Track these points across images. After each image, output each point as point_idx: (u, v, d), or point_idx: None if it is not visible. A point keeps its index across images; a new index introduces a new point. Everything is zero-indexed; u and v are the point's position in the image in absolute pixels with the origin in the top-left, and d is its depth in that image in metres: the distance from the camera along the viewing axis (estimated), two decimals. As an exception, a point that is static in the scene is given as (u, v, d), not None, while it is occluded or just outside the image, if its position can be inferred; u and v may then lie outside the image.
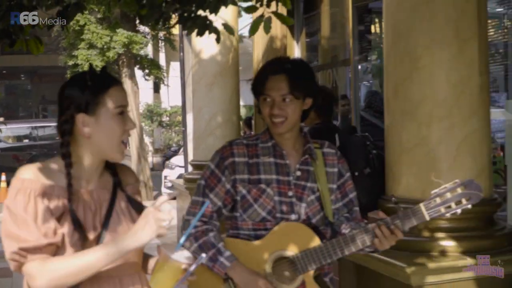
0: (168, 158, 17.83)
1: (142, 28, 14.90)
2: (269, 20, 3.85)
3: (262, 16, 3.82)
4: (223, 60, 8.76)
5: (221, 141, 9.12)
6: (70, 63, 14.83)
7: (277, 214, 2.84)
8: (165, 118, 22.62)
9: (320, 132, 4.94)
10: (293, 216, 2.84)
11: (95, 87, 2.14)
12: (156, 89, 23.37)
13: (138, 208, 2.25)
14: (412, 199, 4.27)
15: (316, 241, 2.79)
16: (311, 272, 2.79)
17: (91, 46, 14.26)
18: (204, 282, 2.68)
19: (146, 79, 17.33)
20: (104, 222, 2.16)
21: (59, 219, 2.06)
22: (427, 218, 2.60)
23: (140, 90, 22.51)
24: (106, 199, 2.16)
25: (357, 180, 4.71)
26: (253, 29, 3.85)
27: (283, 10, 8.91)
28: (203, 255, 2.13)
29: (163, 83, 18.35)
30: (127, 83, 14.23)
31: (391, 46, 4.65)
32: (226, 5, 3.58)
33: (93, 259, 1.99)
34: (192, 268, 2.09)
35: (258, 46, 9.75)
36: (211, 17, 3.66)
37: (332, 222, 2.94)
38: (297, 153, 2.93)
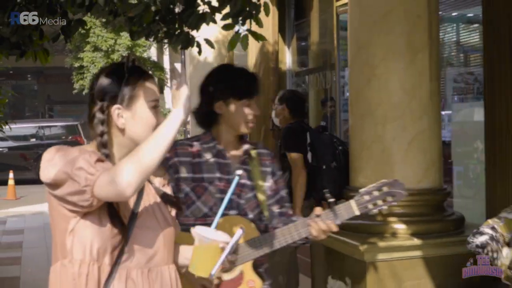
0: None
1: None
2: (246, 37, 4.35)
3: (238, 32, 4.37)
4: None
5: None
6: (76, 64, 15.47)
7: (218, 210, 2.94)
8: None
9: (293, 131, 5.70)
10: (232, 212, 2.95)
11: (132, 80, 2.14)
12: (160, 90, 23.61)
13: (167, 199, 2.32)
14: None
15: (255, 233, 2.93)
16: (249, 263, 2.91)
17: (96, 48, 14.95)
18: None
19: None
20: (131, 215, 2.15)
21: None
22: (357, 213, 2.78)
23: None
24: (135, 195, 2.13)
25: (325, 172, 5.53)
26: (232, 45, 4.35)
27: (272, 21, 9.62)
28: (240, 230, 2.17)
29: (165, 84, 18.82)
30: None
31: (354, 56, 5.29)
32: (207, 23, 4.14)
33: (160, 135, 1.97)
34: (230, 245, 2.12)
35: (252, 51, 10.20)
36: (194, 32, 4.28)
37: (266, 217, 3.09)
38: (237, 153, 3.07)
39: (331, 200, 2.95)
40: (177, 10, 4.44)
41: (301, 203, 5.63)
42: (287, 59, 9.94)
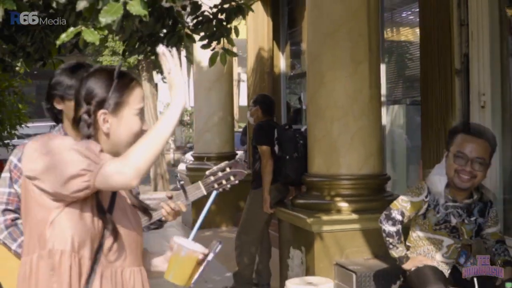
0: (185, 154, 18.41)
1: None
2: (223, 54, 4.89)
3: (214, 50, 4.98)
4: (219, 69, 9.53)
5: (217, 137, 10.77)
6: (86, 51, 16.39)
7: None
8: (186, 118, 23.03)
9: (263, 127, 6.63)
10: None
11: (121, 87, 2.14)
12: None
13: (140, 205, 2.34)
14: (321, 174, 5.91)
15: None
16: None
17: (114, 53, 15.91)
18: (12, 265, 2.86)
19: (164, 82, 18.75)
20: (107, 212, 2.15)
21: None
22: (205, 192, 2.92)
23: (161, 91, 23.68)
24: (109, 194, 2.15)
25: (288, 161, 6.44)
26: (212, 61, 4.89)
27: (267, 29, 10.46)
28: (219, 243, 2.20)
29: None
30: (146, 86, 15.83)
31: (309, 66, 6.16)
32: (186, 43, 4.84)
33: (162, 125, 2.01)
34: (211, 256, 2.17)
35: (250, 57, 11.11)
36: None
37: None
38: None
39: (181, 182, 3.22)
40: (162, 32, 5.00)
41: (268, 186, 6.47)
42: (281, 63, 10.64)
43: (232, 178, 2.82)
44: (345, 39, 5.77)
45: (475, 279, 4.11)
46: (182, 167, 13.19)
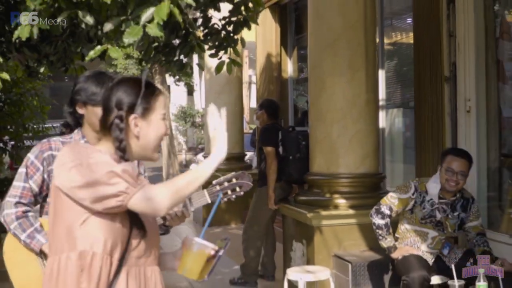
0: (196, 155, 18.83)
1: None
2: (229, 64, 4.96)
3: (221, 59, 5.04)
4: (229, 74, 9.89)
5: (229, 140, 10.99)
6: (110, 70, 16.83)
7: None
8: (198, 119, 23.18)
9: (268, 130, 6.90)
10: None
11: (148, 94, 2.23)
12: (190, 92, 24.11)
13: None
14: (321, 173, 6.14)
15: None
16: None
17: (128, 56, 16.25)
18: (19, 257, 3.00)
19: (176, 85, 19.04)
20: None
21: None
22: (209, 201, 2.88)
23: (174, 93, 23.89)
24: None
25: (291, 162, 6.67)
26: (218, 70, 4.99)
27: (275, 36, 10.62)
28: (228, 240, 2.30)
29: (193, 89, 19.88)
30: (158, 88, 16.18)
31: (311, 73, 6.41)
32: (196, 52, 5.01)
33: (198, 172, 2.17)
34: (221, 252, 2.24)
35: (260, 60, 11.30)
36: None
37: None
38: None
39: None
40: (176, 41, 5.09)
41: (273, 185, 6.67)
42: (289, 68, 10.89)
43: (237, 189, 2.81)
44: (344, 48, 6.00)
45: (452, 267, 4.38)
46: (193, 167, 13.14)
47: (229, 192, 2.92)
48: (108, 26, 3.56)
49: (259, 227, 6.90)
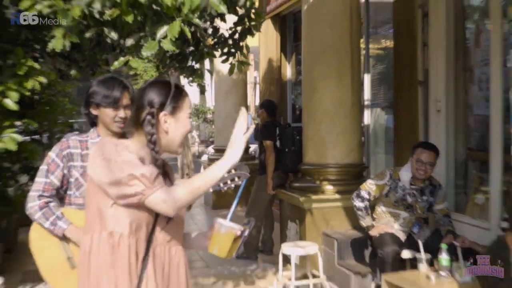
0: (207, 147, 18.47)
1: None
2: (239, 65, 4.90)
3: (231, 63, 4.99)
4: (235, 76, 9.63)
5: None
6: (131, 73, 16.75)
7: None
8: (209, 116, 22.96)
9: (268, 126, 7.03)
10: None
11: (177, 94, 2.19)
12: (202, 91, 24.02)
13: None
14: (312, 163, 6.30)
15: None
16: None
17: (148, 60, 16.33)
18: (44, 244, 2.96)
19: (190, 85, 18.94)
20: None
21: None
22: (211, 190, 2.66)
23: (188, 93, 23.89)
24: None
25: (287, 154, 6.80)
26: (231, 71, 4.94)
27: (276, 43, 10.64)
28: (252, 221, 2.26)
29: (205, 89, 19.87)
30: (173, 89, 16.17)
31: (304, 78, 6.54)
32: (206, 58, 5.07)
33: (208, 175, 2.09)
34: (247, 232, 2.20)
35: (262, 65, 11.33)
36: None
37: None
38: None
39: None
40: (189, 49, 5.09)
41: (271, 173, 6.82)
42: (288, 72, 10.86)
43: (236, 179, 2.68)
44: (332, 56, 6.16)
45: (420, 243, 4.62)
46: (205, 158, 13.24)
47: (229, 181, 2.84)
48: (129, 41, 3.76)
49: (259, 209, 7.02)
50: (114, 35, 3.85)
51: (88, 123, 3.13)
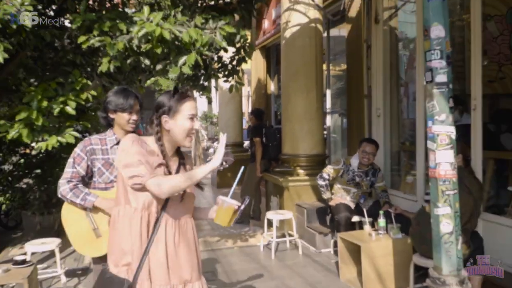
0: (213, 142, 19.07)
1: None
2: (236, 86, 4.94)
3: (231, 83, 5.09)
4: (233, 92, 9.80)
5: (232, 132, 10.66)
6: (157, 88, 16.73)
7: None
8: (214, 119, 22.47)
9: (257, 127, 7.00)
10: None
11: (176, 101, 2.02)
12: (209, 101, 23.55)
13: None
14: (288, 154, 6.27)
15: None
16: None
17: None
18: (72, 218, 2.79)
19: (200, 97, 18.92)
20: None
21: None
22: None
23: (199, 102, 23.72)
24: (174, 169, 2.07)
25: (270, 147, 6.73)
26: (230, 90, 4.94)
27: (263, 66, 10.59)
28: (247, 199, 2.12)
29: (211, 100, 19.91)
30: (188, 100, 16.07)
31: (282, 91, 6.52)
32: (213, 78, 5.09)
33: (193, 174, 1.91)
34: (242, 207, 2.10)
35: (253, 82, 11.24)
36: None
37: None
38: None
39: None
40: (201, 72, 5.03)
41: (259, 161, 6.82)
42: (272, 87, 10.79)
43: (224, 163, 2.31)
44: (302, 77, 6.21)
45: (364, 210, 4.69)
46: (211, 151, 13.19)
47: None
48: (158, 67, 3.82)
49: (251, 187, 7.00)
50: (147, 62, 3.89)
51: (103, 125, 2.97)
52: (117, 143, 2.79)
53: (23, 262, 3.75)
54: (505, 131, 5.09)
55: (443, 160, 2.84)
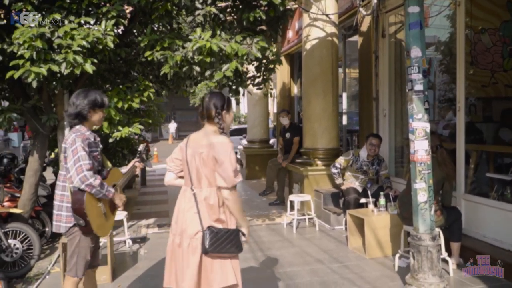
0: (241, 140, 19.52)
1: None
2: (266, 91, 5.53)
3: (262, 89, 5.70)
4: (260, 94, 10.37)
5: (259, 130, 10.94)
6: (191, 91, 17.19)
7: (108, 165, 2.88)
8: (242, 119, 23.75)
9: (295, 127, 7.44)
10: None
11: (229, 100, 2.40)
12: (237, 103, 24.35)
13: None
14: (309, 147, 6.70)
15: (121, 176, 3.04)
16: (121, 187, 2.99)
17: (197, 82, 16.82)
18: (92, 202, 2.79)
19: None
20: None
21: None
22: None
23: None
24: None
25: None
26: (265, 95, 5.59)
27: (287, 71, 10.92)
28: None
29: (239, 102, 20.24)
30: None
31: (303, 95, 6.94)
32: (245, 86, 5.48)
33: (243, 215, 2.44)
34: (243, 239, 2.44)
35: (278, 86, 11.56)
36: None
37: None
38: None
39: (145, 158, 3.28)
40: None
41: (292, 157, 7.26)
42: (295, 90, 11.12)
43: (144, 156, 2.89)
44: (320, 83, 6.66)
45: (369, 193, 5.17)
46: (241, 147, 13.07)
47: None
48: (207, 73, 4.43)
49: (272, 173, 7.57)
50: (197, 69, 4.49)
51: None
52: (94, 139, 2.87)
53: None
54: (502, 127, 5.38)
55: (420, 148, 3.55)
